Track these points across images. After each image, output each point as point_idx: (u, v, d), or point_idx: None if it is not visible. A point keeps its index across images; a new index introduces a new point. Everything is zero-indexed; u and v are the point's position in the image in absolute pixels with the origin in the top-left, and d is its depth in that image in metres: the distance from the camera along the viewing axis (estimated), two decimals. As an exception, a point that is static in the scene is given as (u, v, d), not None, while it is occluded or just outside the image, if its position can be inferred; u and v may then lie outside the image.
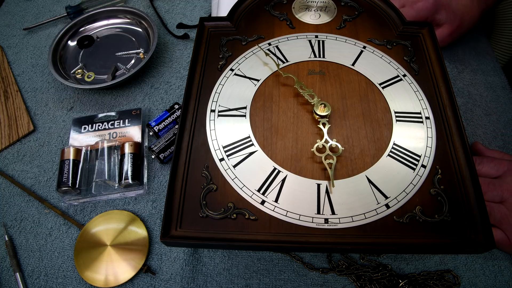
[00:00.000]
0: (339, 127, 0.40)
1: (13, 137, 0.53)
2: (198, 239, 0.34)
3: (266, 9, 0.50)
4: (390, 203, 0.35)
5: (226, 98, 0.42)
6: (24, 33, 0.65)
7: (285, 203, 0.35)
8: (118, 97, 0.56)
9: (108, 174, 0.47)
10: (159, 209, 0.46)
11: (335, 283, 0.41)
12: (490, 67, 0.57)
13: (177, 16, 0.66)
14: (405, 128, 0.39)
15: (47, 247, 0.44)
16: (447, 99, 0.41)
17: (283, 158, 0.38)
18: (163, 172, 0.49)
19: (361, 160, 0.37)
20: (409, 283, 0.40)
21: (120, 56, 0.59)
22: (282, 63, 0.44)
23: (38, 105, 0.56)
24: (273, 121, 0.40)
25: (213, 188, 0.36)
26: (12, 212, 0.47)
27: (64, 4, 0.68)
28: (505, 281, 0.41)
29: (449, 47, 0.59)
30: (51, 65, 0.56)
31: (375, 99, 0.41)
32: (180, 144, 0.39)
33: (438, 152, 0.38)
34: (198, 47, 0.46)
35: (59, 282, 0.42)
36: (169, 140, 0.48)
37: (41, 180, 0.49)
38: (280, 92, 0.42)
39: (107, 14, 0.63)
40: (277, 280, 0.41)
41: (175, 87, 0.57)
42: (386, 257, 0.42)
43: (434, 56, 0.45)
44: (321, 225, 0.34)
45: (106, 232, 0.44)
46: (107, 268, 0.42)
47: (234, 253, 0.43)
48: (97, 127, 0.51)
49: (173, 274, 0.42)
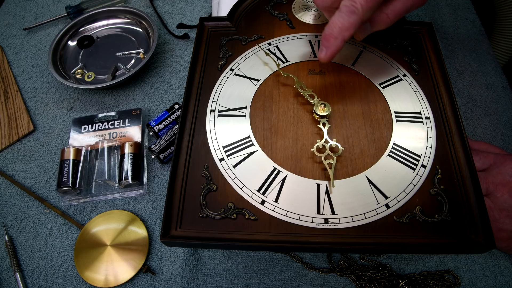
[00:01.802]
0: (339, 127, 0.40)
1: (13, 137, 0.53)
2: (198, 239, 0.34)
3: (266, 9, 0.50)
4: (390, 203, 0.35)
5: (226, 98, 0.42)
6: (24, 33, 0.65)
7: (285, 203, 0.35)
8: (118, 97, 0.56)
9: (108, 174, 0.47)
10: (159, 209, 0.46)
11: (335, 283, 0.41)
12: (490, 67, 0.57)
13: (177, 16, 0.66)
14: (405, 128, 0.39)
15: (47, 247, 0.44)
16: (447, 99, 0.41)
17: (283, 158, 0.38)
18: (163, 172, 0.49)
19: (361, 160, 0.37)
20: (409, 283, 0.40)
21: (120, 56, 0.59)
22: (282, 63, 0.44)
23: (38, 105, 0.56)
24: (273, 121, 0.40)
25: (213, 188, 0.36)
26: (12, 212, 0.47)
27: (64, 4, 0.68)
28: (505, 281, 0.41)
29: (449, 47, 0.59)
30: (51, 65, 0.56)
31: (375, 99, 0.41)
32: (180, 144, 0.39)
33: (438, 152, 0.38)
34: (198, 47, 0.46)
35: (59, 282, 0.42)
36: (169, 140, 0.48)
37: (41, 180, 0.49)
38: (280, 92, 0.42)
39: (107, 14, 0.63)
40: (277, 280, 0.41)
41: (175, 87, 0.57)
42: (386, 257, 0.42)
43: (434, 56, 0.45)
44: (321, 225, 0.34)
45: (106, 232, 0.44)
46: (107, 268, 0.42)
47: (234, 253, 0.43)
48: (97, 127, 0.51)
49: (173, 274, 0.42)
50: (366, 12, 0.34)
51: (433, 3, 0.65)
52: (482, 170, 0.41)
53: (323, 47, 0.37)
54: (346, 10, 0.34)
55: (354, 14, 0.34)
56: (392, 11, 0.36)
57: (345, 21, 0.35)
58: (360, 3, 0.34)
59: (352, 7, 0.34)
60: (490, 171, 0.40)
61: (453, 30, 0.62)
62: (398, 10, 0.36)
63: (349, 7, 0.34)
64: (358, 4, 0.34)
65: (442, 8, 0.65)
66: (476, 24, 0.63)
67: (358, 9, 0.34)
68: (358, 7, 0.34)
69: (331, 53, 0.37)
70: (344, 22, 0.35)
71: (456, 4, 0.66)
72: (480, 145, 0.45)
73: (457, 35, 0.61)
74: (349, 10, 0.34)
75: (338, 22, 0.35)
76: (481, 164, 0.41)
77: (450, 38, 0.61)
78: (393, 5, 0.36)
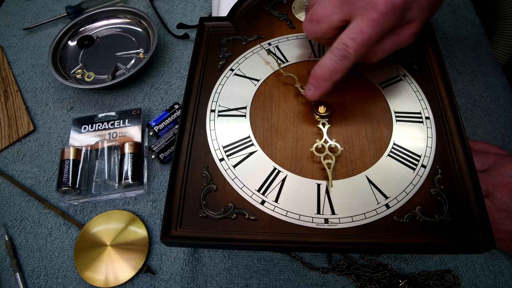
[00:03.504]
0: (339, 127, 0.40)
1: (13, 137, 0.53)
2: (198, 239, 0.34)
3: (266, 9, 0.50)
4: (390, 203, 0.35)
5: (226, 98, 0.42)
6: (24, 33, 0.65)
7: (285, 203, 0.35)
8: (118, 97, 0.56)
9: (108, 174, 0.47)
10: (159, 209, 0.46)
11: (335, 283, 0.41)
12: (490, 67, 0.57)
13: (177, 16, 0.66)
14: (405, 128, 0.39)
15: (47, 247, 0.44)
16: (447, 99, 0.41)
17: (283, 158, 0.38)
18: (163, 172, 0.49)
19: (361, 160, 0.37)
20: (409, 283, 0.40)
21: (120, 56, 0.59)
22: (282, 63, 0.44)
23: (38, 105, 0.56)
24: (273, 121, 0.40)
25: (213, 188, 0.36)
26: (12, 212, 0.47)
27: (64, 4, 0.68)
28: (505, 281, 0.41)
29: (449, 47, 0.59)
30: (51, 65, 0.56)
31: (375, 99, 0.41)
32: (180, 144, 0.39)
33: (438, 152, 0.38)
34: (198, 47, 0.46)
35: (59, 282, 0.42)
36: (169, 140, 0.48)
37: (41, 180, 0.49)
38: (280, 92, 0.42)
39: (107, 14, 0.63)
40: (277, 280, 0.41)
41: (175, 87, 0.57)
42: (386, 257, 0.42)
43: (434, 56, 0.45)
44: (321, 225, 0.34)
45: (106, 232, 0.44)
46: (107, 268, 0.42)
47: (234, 253, 0.43)
48: (97, 127, 0.51)
49: (173, 274, 0.42)
50: (358, 57, 0.34)
51: (433, 3, 0.65)
52: (482, 171, 0.41)
53: (312, 86, 0.37)
54: (338, 54, 0.33)
55: (346, 59, 0.33)
56: (381, 49, 0.36)
57: (337, 65, 0.34)
58: (353, 48, 0.33)
59: (345, 52, 0.33)
60: (489, 172, 0.40)
61: (453, 30, 0.62)
62: (386, 48, 0.36)
63: (341, 50, 0.33)
64: (351, 49, 0.33)
65: (442, 8, 0.65)
66: (476, 24, 0.63)
67: (351, 54, 0.33)
68: (351, 52, 0.33)
69: (319, 94, 0.37)
70: (336, 65, 0.34)
71: (456, 4, 0.66)
72: (480, 145, 0.45)
73: (457, 35, 0.61)
74: (342, 54, 0.33)
75: (330, 65, 0.34)
76: (480, 165, 0.41)
77: (450, 38, 0.61)
78: (383, 43, 0.35)
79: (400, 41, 0.36)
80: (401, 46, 0.37)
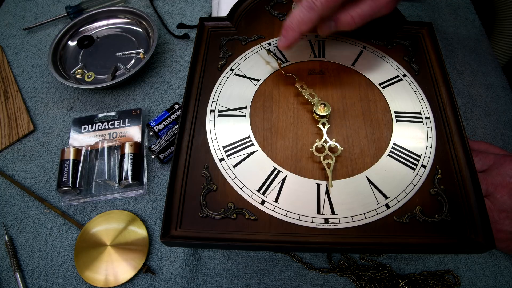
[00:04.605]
0: (339, 127, 0.40)
1: (13, 137, 0.53)
2: (198, 239, 0.34)
3: (266, 9, 0.50)
4: (390, 203, 0.35)
5: (226, 98, 0.42)
6: (24, 33, 0.65)
7: (285, 203, 0.35)
8: (118, 97, 0.56)
9: (108, 174, 0.47)
10: (159, 209, 0.46)
11: (335, 283, 0.41)
12: (490, 67, 0.57)
13: (177, 16, 0.66)
14: (405, 128, 0.39)
15: (47, 247, 0.44)
16: (447, 99, 0.41)
17: (283, 158, 0.38)
18: (163, 172, 0.49)
19: (361, 160, 0.37)
20: (409, 283, 0.40)
21: (120, 56, 0.59)
22: (282, 63, 0.44)
23: (38, 105, 0.56)
24: (273, 121, 0.40)
25: (213, 188, 0.36)
26: (12, 212, 0.47)
27: (64, 4, 0.68)
28: (505, 281, 0.41)
29: (449, 47, 0.59)
30: (51, 65, 0.56)
31: (375, 99, 0.41)
32: (180, 144, 0.39)
33: (438, 152, 0.38)
34: (198, 47, 0.46)
35: (59, 282, 0.42)
36: (169, 140, 0.48)
37: (41, 180, 0.49)
38: (280, 92, 0.42)
39: (107, 14, 0.63)
40: (277, 280, 0.41)
41: (175, 87, 0.57)
42: (386, 257, 0.42)
43: (434, 56, 0.45)
44: (321, 225, 0.34)
45: (106, 232, 0.44)
46: (107, 268, 0.42)
47: (234, 253, 0.43)
48: (97, 127, 0.51)
49: (173, 274, 0.42)
50: (325, 10, 0.36)
51: (433, 3, 0.65)
52: (482, 171, 0.41)
53: (282, 36, 0.39)
54: (306, 5, 0.36)
55: (313, 11, 0.36)
56: (357, 13, 0.37)
57: (304, 16, 0.36)
58: (320, 1, 0.35)
59: (312, 4, 0.35)
60: (489, 172, 0.40)
61: (453, 30, 0.62)
62: (363, 13, 0.37)
63: (309, 3, 0.36)
64: (318, 1, 0.35)
65: (442, 8, 0.65)
66: (476, 24, 0.63)
67: (318, 6, 0.35)
68: (318, 4, 0.35)
69: (288, 43, 0.39)
70: (303, 17, 0.36)
71: (456, 4, 0.66)
72: (480, 145, 0.45)
73: (457, 35, 0.61)
74: (309, 6, 0.36)
75: (298, 16, 0.37)
76: (480, 165, 0.41)
77: (450, 38, 0.61)
78: (359, 7, 0.37)
79: (377, 7, 0.37)
80: (379, 13, 0.37)
